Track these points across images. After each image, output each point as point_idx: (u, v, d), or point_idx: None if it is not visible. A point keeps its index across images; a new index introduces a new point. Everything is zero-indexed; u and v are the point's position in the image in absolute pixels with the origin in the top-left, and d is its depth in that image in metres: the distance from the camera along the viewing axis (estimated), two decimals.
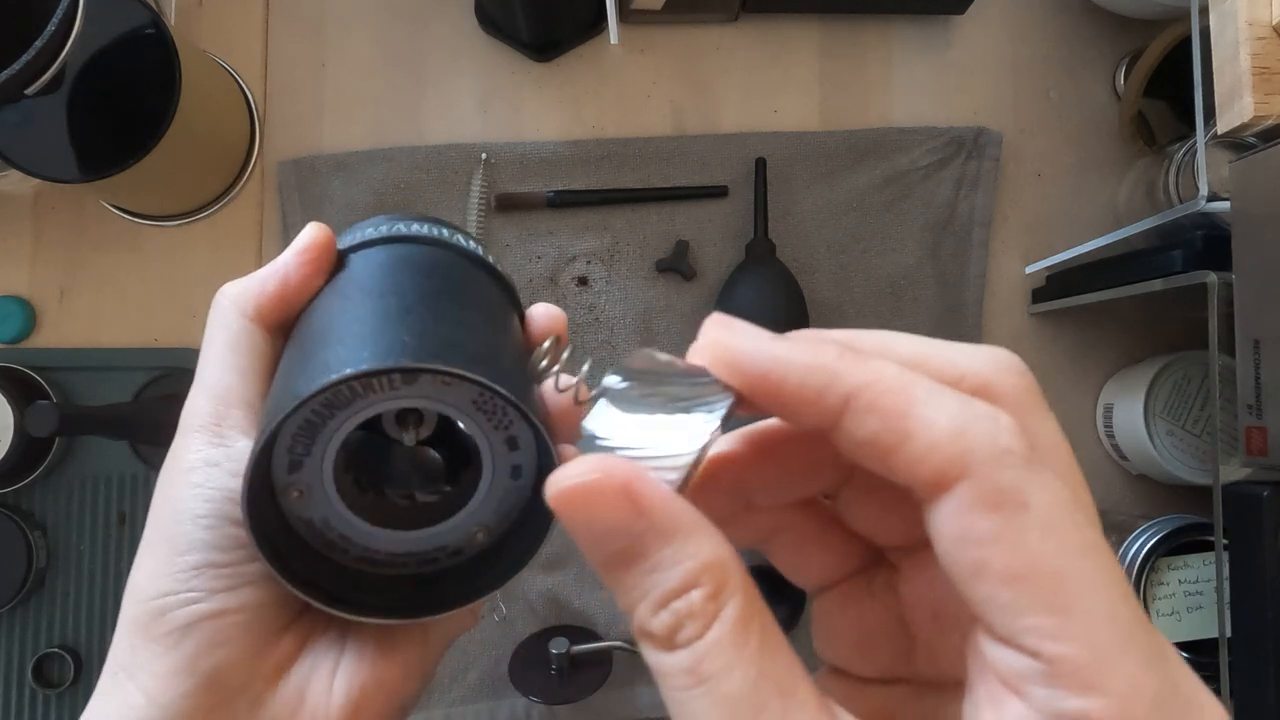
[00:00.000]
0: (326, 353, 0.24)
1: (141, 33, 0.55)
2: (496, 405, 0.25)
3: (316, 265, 0.27)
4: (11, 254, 0.65)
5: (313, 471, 0.25)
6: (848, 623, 0.22)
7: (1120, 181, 0.66)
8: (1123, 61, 0.67)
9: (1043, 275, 0.66)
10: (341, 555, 0.26)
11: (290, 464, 0.25)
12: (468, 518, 0.26)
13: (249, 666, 0.24)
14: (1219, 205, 0.48)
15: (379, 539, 0.26)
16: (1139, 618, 0.16)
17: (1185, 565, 0.55)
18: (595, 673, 0.60)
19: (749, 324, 0.19)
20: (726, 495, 0.22)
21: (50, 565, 0.62)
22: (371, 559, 0.26)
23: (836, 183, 0.65)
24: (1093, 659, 0.16)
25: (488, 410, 0.25)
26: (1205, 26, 0.44)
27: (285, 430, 0.24)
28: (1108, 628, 0.16)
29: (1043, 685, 0.16)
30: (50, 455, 0.61)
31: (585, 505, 0.17)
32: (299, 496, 0.25)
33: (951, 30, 0.68)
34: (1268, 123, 0.40)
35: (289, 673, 0.24)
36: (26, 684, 0.61)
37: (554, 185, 0.65)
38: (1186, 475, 0.59)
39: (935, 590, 0.20)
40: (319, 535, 0.26)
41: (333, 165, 0.65)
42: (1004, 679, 0.17)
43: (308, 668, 0.24)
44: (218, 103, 0.62)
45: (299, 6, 0.67)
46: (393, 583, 0.27)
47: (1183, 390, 0.59)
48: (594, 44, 0.67)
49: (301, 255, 0.26)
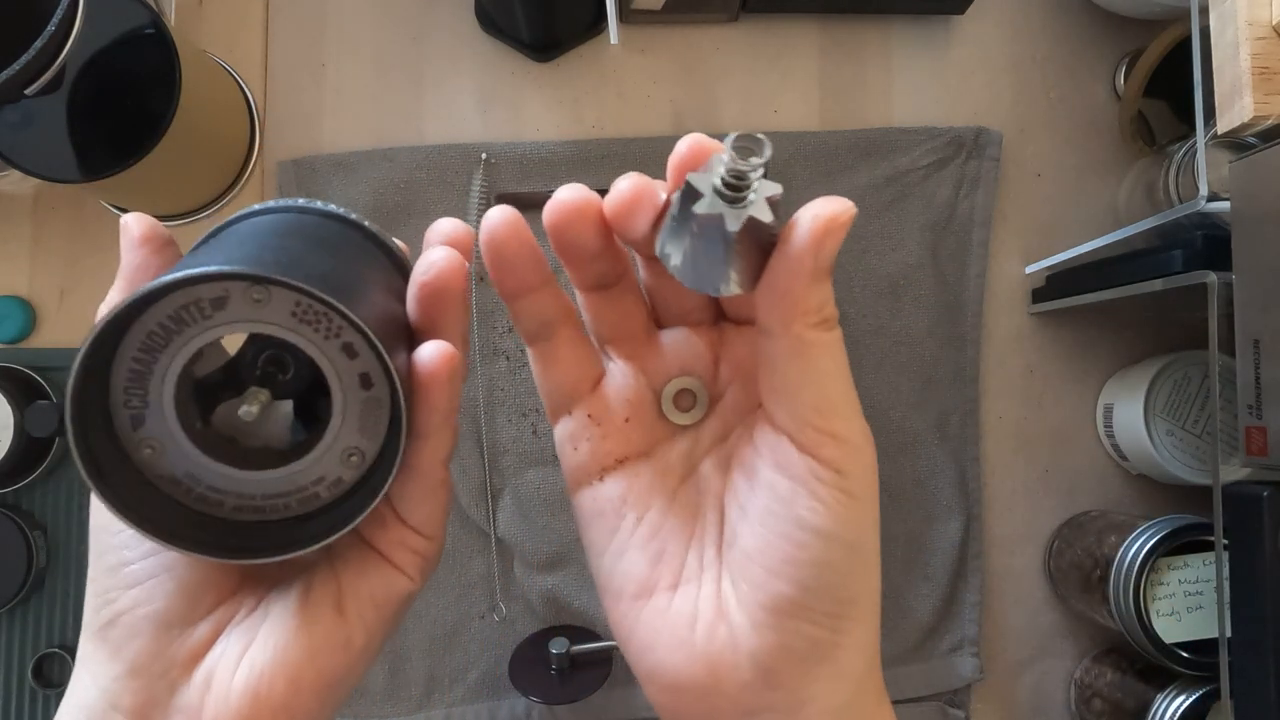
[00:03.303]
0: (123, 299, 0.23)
1: (141, 33, 0.55)
2: (316, 311, 0.24)
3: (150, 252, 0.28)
4: (11, 254, 0.65)
5: (157, 423, 0.25)
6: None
7: (1120, 181, 0.66)
8: (1123, 61, 0.67)
9: (1043, 275, 0.66)
10: (217, 507, 0.26)
11: (132, 420, 0.25)
12: (333, 441, 0.26)
13: (163, 654, 0.26)
14: (1219, 205, 0.48)
15: (250, 484, 0.26)
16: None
17: (1185, 565, 0.55)
18: (595, 673, 0.60)
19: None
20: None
21: (50, 565, 0.62)
22: (251, 505, 0.26)
23: (836, 183, 0.65)
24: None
25: (311, 320, 0.24)
26: (1205, 26, 0.44)
27: (114, 384, 0.25)
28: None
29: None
30: (50, 455, 0.61)
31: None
32: (152, 454, 0.25)
33: (951, 30, 0.68)
34: (1268, 123, 0.40)
35: (203, 659, 0.26)
36: (26, 684, 0.61)
37: (554, 185, 0.65)
38: (1186, 475, 0.59)
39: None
40: (188, 491, 0.26)
41: (333, 165, 0.65)
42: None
43: (218, 653, 0.26)
44: (218, 103, 0.62)
45: (299, 6, 0.67)
46: (280, 526, 0.27)
47: (1183, 390, 0.59)
48: (594, 44, 0.67)
49: (131, 254, 0.28)
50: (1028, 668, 0.65)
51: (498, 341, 0.64)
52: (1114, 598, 0.56)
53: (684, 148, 0.25)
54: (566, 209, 0.26)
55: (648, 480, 0.29)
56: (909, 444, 0.64)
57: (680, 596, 0.27)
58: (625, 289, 0.29)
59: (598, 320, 0.29)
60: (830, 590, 0.25)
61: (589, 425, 0.29)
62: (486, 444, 0.63)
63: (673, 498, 0.29)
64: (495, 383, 0.64)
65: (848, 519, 0.25)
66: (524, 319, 0.28)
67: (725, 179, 0.23)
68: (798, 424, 0.25)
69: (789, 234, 0.24)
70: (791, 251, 0.24)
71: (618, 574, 0.28)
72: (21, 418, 0.58)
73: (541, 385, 0.29)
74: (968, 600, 0.64)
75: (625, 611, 0.28)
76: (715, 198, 0.23)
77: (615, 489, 0.28)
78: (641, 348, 0.29)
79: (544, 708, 0.62)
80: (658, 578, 0.28)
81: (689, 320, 0.29)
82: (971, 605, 0.64)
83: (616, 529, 0.28)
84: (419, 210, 0.64)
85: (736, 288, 0.24)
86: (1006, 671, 0.65)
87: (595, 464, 0.29)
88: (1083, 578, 0.60)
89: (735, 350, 0.29)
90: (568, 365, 0.29)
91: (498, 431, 0.64)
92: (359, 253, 0.28)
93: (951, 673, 0.63)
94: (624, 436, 0.29)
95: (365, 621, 0.27)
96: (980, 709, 0.64)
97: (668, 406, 0.29)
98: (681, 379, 0.29)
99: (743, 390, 0.29)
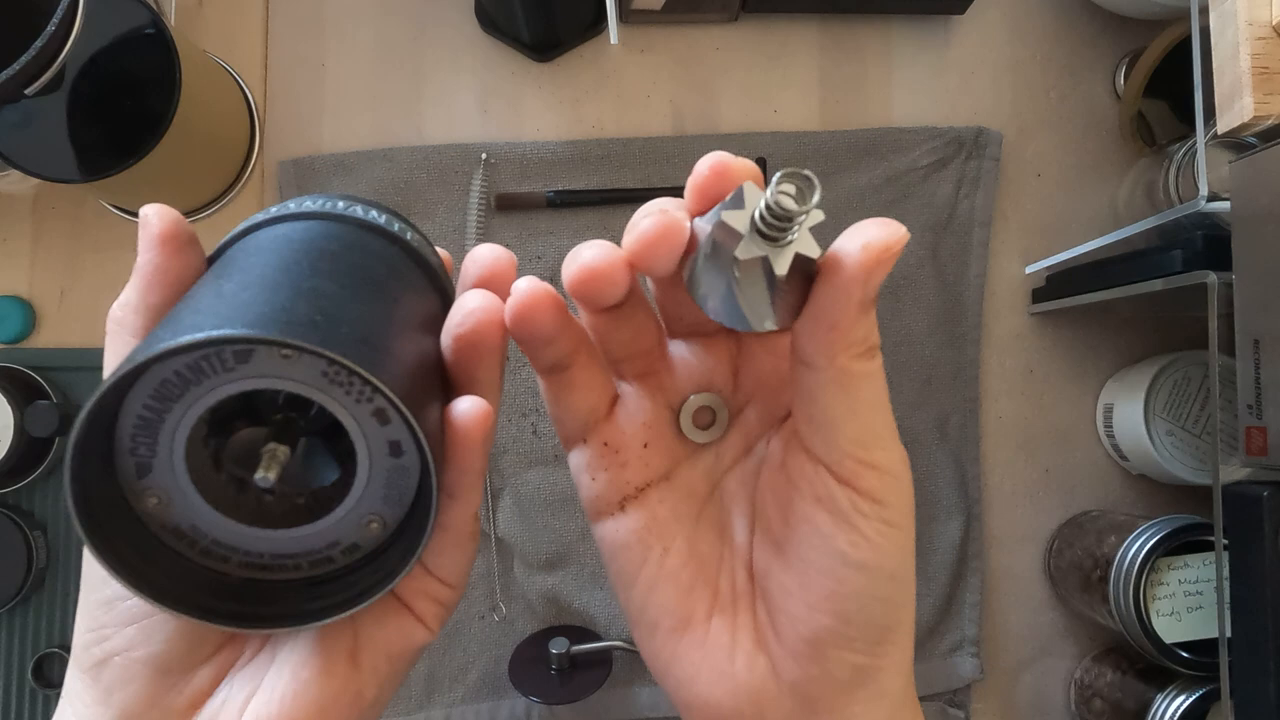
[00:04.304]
0: (140, 347, 0.21)
1: (141, 33, 0.55)
2: (347, 375, 0.22)
3: (171, 253, 0.25)
4: (11, 254, 0.65)
5: (165, 473, 0.23)
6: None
7: (1120, 181, 0.66)
8: (1123, 61, 0.67)
9: (1043, 275, 0.66)
10: (222, 563, 0.24)
11: (137, 467, 0.23)
12: (356, 505, 0.24)
13: (159, 703, 0.24)
14: (1219, 205, 0.48)
15: (260, 541, 0.24)
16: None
17: (1185, 565, 0.55)
18: (595, 673, 0.60)
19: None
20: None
21: (50, 565, 0.62)
22: (258, 564, 0.24)
23: (836, 183, 0.65)
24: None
25: (342, 382, 0.22)
26: (1205, 26, 0.44)
27: (121, 429, 0.22)
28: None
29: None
30: (50, 455, 0.61)
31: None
32: (158, 504, 0.23)
33: (951, 30, 0.68)
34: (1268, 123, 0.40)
35: (202, 707, 0.24)
36: (26, 684, 0.61)
37: (554, 185, 0.65)
38: (1186, 475, 0.59)
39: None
40: (193, 544, 0.24)
41: (333, 165, 0.65)
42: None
43: (219, 701, 0.24)
44: (218, 103, 0.62)
45: (299, 6, 0.67)
46: (288, 588, 0.24)
47: (1183, 390, 0.59)
48: (594, 44, 0.67)
49: (150, 253, 0.25)
50: (1028, 668, 0.65)
51: None
52: (1114, 598, 0.56)
53: (705, 169, 0.23)
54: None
55: (671, 507, 0.27)
56: (909, 444, 0.64)
57: (716, 627, 0.27)
58: (635, 305, 0.27)
59: (608, 341, 0.27)
60: (872, 620, 0.25)
61: (606, 454, 0.27)
62: None
63: (698, 520, 0.28)
64: None
65: (889, 550, 0.24)
66: (541, 360, 0.27)
67: (766, 217, 0.21)
68: (837, 455, 0.24)
69: (835, 263, 0.22)
70: (839, 282, 0.22)
71: (650, 607, 0.27)
72: (21, 418, 0.58)
73: (554, 413, 0.28)
74: (968, 600, 0.64)
75: (662, 645, 0.27)
76: (755, 237, 0.21)
77: (638, 519, 0.27)
78: (656, 365, 0.28)
79: (544, 708, 0.62)
80: (692, 609, 0.27)
81: (704, 332, 0.28)
82: (971, 605, 0.64)
83: (644, 561, 0.27)
84: (419, 210, 0.64)
85: (779, 325, 0.23)
86: (1006, 671, 0.65)
87: (615, 493, 0.27)
88: (1083, 578, 0.60)
89: (756, 362, 0.28)
90: (581, 392, 0.27)
91: (498, 431, 0.64)
92: (397, 282, 0.25)
93: (951, 673, 0.63)
94: (643, 463, 0.27)
95: (379, 674, 0.25)
96: (980, 709, 0.64)
97: (686, 425, 0.28)
98: (700, 396, 0.28)
99: (765, 404, 0.28)
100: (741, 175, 0.23)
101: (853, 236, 0.22)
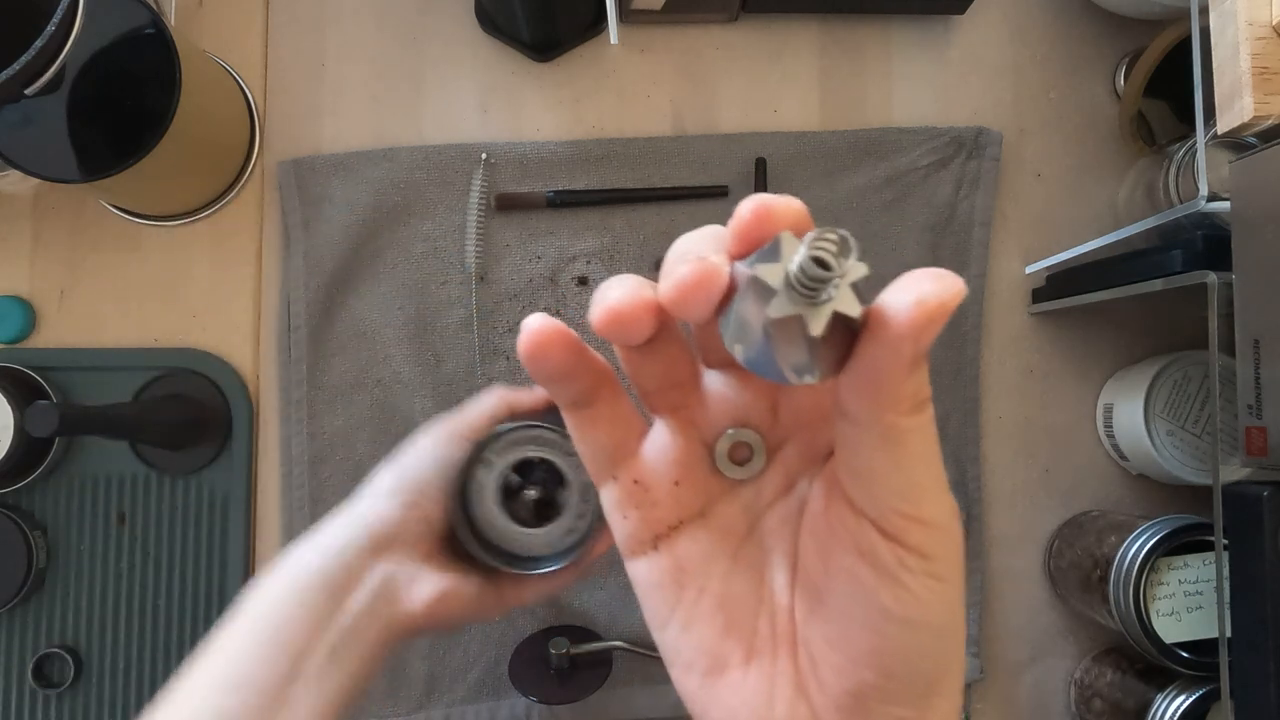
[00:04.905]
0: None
1: (141, 33, 0.55)
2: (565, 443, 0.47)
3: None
4: (11, 254, 0.65)
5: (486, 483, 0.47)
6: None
7: (1120, 181, 0.66)
8: (1123, 61, 0.67)
9: (1043, 275, 0.66)
10: (504, 543, 0.47)
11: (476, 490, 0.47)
12: (564, 522, 0.47)
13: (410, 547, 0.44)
14: (1219, 205, 0.48)
15: (509, 528, 0.46)
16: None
17: (1185, 565, 0.55)
18: (595, 673, 0.60)
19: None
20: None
21: (50, 565, 0.62)
22: (500, 541, 0.47)
23: (836, 183, 0.65)
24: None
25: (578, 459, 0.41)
26: (1205, 26, 0.44)
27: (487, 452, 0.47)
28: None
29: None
30: (50, 455, 0.61)
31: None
32: (480, 511, 0.46)
33: (951, 30, 0.68)
34: (1268, 123, 0.40)
35: (425, 566, 0.44)
36: (26, 684, 0.62)
37: (554, 185, 0.65)
38: (1186, 475, 0.59)
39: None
40: (478, 520, 0.46)
41: (333, 165, 0.65)
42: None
43: (436, 564, 0.45)
44: (218, 102, 0.62)
45: (299, 6, 0.67)
46: (517, 559, 0.47)
47: (1183, 390, 0.59)
48: (594, 44, 0.67)
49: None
50: (1028, 668, 0.65)
51: (498, 341, 0.64)
52: (1114, 598, 0.56)
53: (747, 214, 0.22)
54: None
55: (706, 546, 0.26)
56: None
57: (755, 672, 0.26)
58: (668, 339, 0.26)
59: (640, 375, 0.26)
60: (918, 675, 0.24)
61: (636, 491, 0.26)
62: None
63: (735, 560, 0.27)
64: (495, 382, 0.64)
65: (935, 605, 0.23)
66: (561, 396, 0.26)
67: (801, 275, 0.19)
68: (882, 510, 0.23)
69: (883, 318, 0.20)
70: (887, 340, 0.20)
71: (686, 648, 0.26)
72: (21, 418, 0.58)
73: (581, 449, 0.27)
74: (968, 600, 0.64)
75: (698, 688, 0.26)
76: (790, 293, 0.20)
77: (671, 559, 0.26)
78: (689, 398, 0.26)
79: (544, 708, 0.62)
80: (729, 651, 0.26)
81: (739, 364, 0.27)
82: (971, 605, 0.64)
83: (678, 601, 0.26)
84: (419, 210, 0.64)
85: (818, 379, 0.21)
86: (1006, 671, 0.65)
87: (648, 532, 0.27)
88: (1083, 578, 0.60)
89: (797, 398, 0.26)
90: (606, 428, 0.26)
91: None
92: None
93: None
94: (675, 501, 0.26)
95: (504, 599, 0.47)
96: (980, 709, 0.64)
97: (722, 461, 0.26)
98: (736, 431, 0.26)
99: (807, 440, 0.26)
100: (784, 220, 0.22)
101: (904, 290, 0.20)
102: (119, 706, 0.62)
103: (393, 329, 0.64)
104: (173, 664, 0.62)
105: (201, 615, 0.63)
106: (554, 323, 0.24)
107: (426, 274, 0.64)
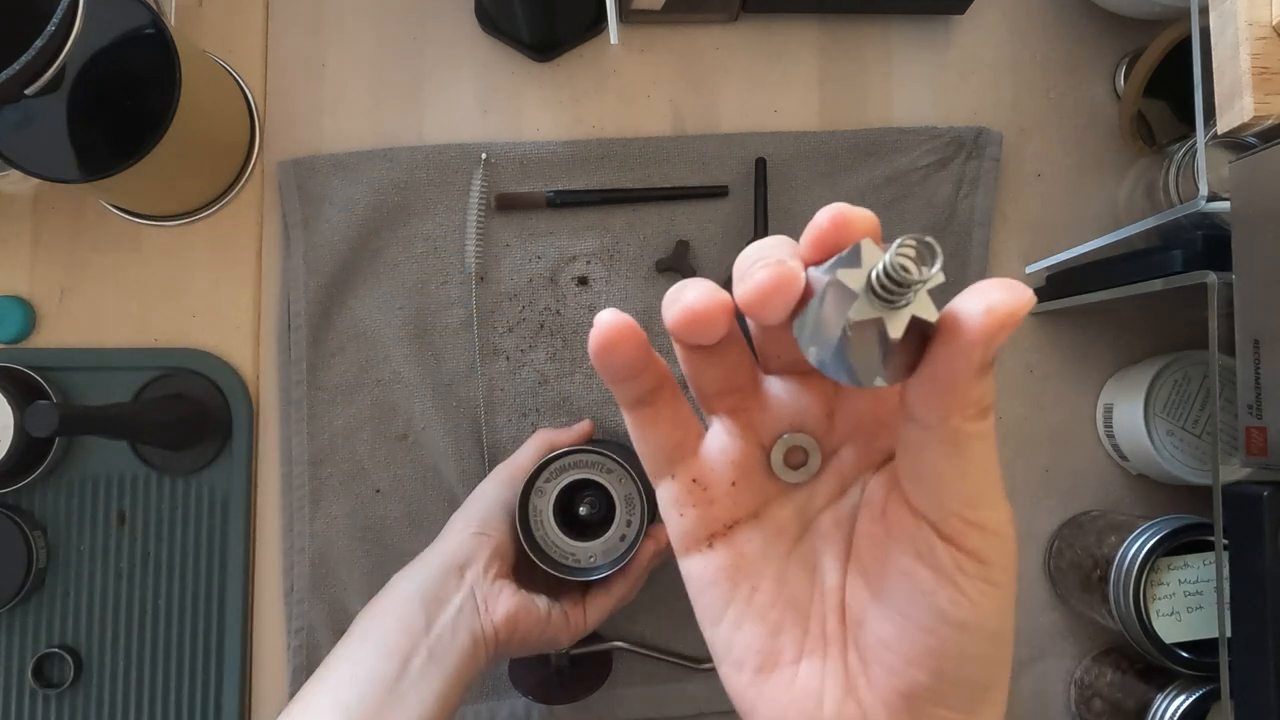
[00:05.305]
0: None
1: (141, 33, 0.55)
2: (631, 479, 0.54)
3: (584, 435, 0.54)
4: (11, 254, 0.65)
5: (542, 508, 0.54)
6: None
7: (1120, 181, 0.66)
8: (1123, 61, 0.67)
9: (1043, 275, 0.66)
10: (562, 556, 0.54)
11: (534, 511, 0.54)
12: (612, 535, 0.54)
13: (485, 570, 0.51)
14: (1219, 205, 0.48)
15: (566, 543, 0.54)
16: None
17: (1185, 565, 0.55)
18: (595, 673, 0.60)
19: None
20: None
21: (50, 565, 0.62)
22: (562, 557, 0.54)
23: (836, 183, 0.65)
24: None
25: (623, 478, 0.54)
26: (1205, 26, 0.44)
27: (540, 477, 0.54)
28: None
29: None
30: (50, 455, 0.61)
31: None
32: (539, 525, 0.54)
33: (951, 30, 0.68)
34: (1268, 123, 0.40)
35: (499, 587, 0.51)
36: (26, 684, 0.62)
37: (554, 185, 0.65)
38: (1186, 475, 0.59)
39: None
40: (540, 541, 0.54)
41: (333, 165, 0.65)
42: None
43: (509, 586, 0.51)
44: (218, 103, 0.62)
45: (299, 6, 0.67)
46: (577, 570, 0.54)
47: (1183, 390, 0.59)
48: (594, 44, 0.67)
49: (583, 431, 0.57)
50: (1028, 668, 0.65)
51: (498, 341, 0.64)
52: (1114, 598, 0.56)
53: (825, 221, 0.23)
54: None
55: (760, 546, 0.27)
56: None
57: (805, 670, 0.27)
58: (731, 343, 0.26)
59: (701, 378, 0.27)
60: (970, 679, 0.25)
61: (694, 490, 0.27)
62: (487, 444, 0.63)
63: (788, 560, 0.27)
64: (495, 383, 0.64)
65: (990, 609, 0.24)
66: (623, 394, 0.27)
67: (883, 279, 0.20)
68: (942, 514, 0.24)
69: (954, 324, 0.21)
70: (958, 345, 0.21)
71: (737, 645, 0.27)
72: (21, 418, 0.58)
73: (640, 448, 0.28)
74: None
75: (748, 685, 0.27)
76: (871, 297, 0.20)
77: (726, 556, 0.27)
78: (748, 402, 0.27)
79: (544, 708, 0.62)
80: (780, 650, 0.27)
81: (800, 370, 0.27)
82: None
83: (731, 599, 0.27)
84: (419, 210, 0.64)
85: (889, 382, 0.22)
86: None
87: (703, 530, 0.27)
88: (1083, 578, 0.60)
89: (854, 405, 0.27)
90: (668, 427, 0.27)
91: (498, 431, 0.64)
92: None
93: None
94: (731, 500, 0.27)
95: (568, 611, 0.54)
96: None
97: (778, 465, 0.27)
98: (792, 435, 0.27)
99: (862, 446, 0.27)
100: (860, 229, 0.23)
101: (976, 298, 0.21)
102: (119, 706, 0.62)
103: (393, 329, 0.64)
104: (173, 664, 0.62)
105: (201, 615, 0.63)
106: (625, 318, 0.25)
107: (426, 274, 0.64)
